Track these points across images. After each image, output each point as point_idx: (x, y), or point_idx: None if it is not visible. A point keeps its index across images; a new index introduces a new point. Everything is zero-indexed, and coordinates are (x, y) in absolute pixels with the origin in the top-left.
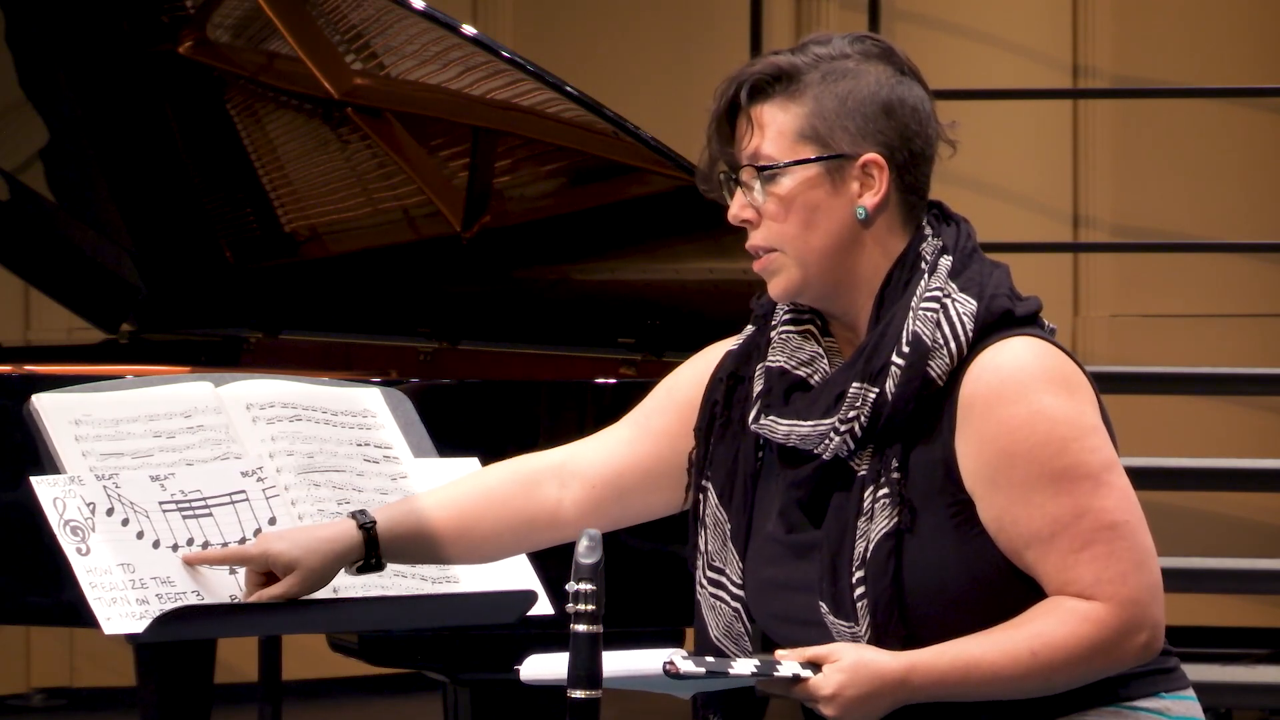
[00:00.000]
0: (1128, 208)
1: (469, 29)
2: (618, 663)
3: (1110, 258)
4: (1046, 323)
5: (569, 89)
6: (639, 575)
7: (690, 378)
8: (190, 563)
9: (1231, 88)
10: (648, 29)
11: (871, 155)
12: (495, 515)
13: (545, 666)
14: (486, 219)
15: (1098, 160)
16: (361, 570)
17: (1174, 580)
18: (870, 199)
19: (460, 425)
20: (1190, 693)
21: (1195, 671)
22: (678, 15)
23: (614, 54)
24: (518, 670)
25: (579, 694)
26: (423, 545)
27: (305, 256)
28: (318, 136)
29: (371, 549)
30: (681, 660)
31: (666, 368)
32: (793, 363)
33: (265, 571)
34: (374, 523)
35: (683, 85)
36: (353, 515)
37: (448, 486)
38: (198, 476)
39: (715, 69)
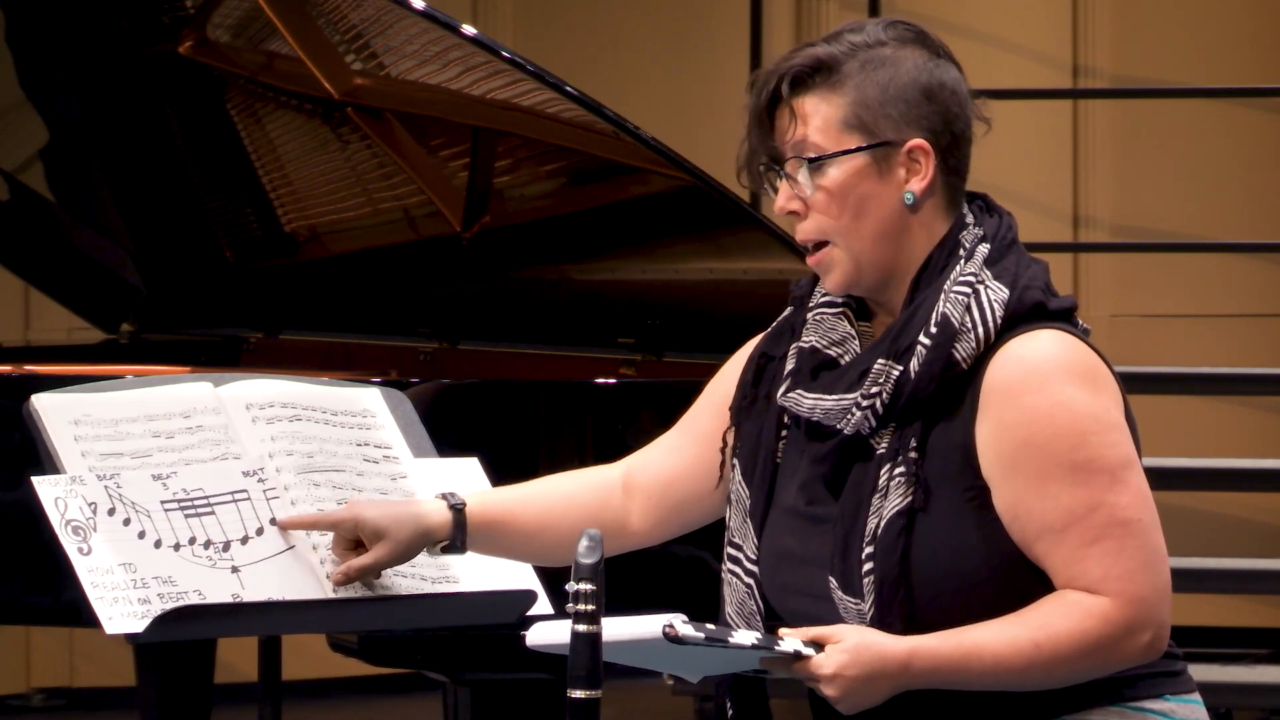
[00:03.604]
0: (1128, 208)
1: (469, 29)
2: (617, 628)
3: (1110, 258)
4: (1081, 322)
5: (569, 89)
6: (650, 568)
7: (730, 374)
8: (284, 527)
9: (1231, 88)
10: (648, 30)
11: (917, 141)
12: (574, 519)
13: (551, 633)
14: (486, 219)
15: (1098, 160)
16: (445, 550)
17: (1174, 580)
18: (918, 184)
19: (460, 425)
20: (1196, 696)
21: (1195, 671)
22: (677, 16)
23: (614, 54)
24: (523, 636)
25: (579, 694)
26: (504, 537)
27: (305, 256)
28: (318, 136)
29: (459, 530)
30: (681, 625)
31: (666, 368)
32: (824, 342)
33: (354, 540)
34: (464, 504)
35: (683, 85)
36: (442, 496)
37: (526, 486)
38: (198, 476)
39: (715, 69)
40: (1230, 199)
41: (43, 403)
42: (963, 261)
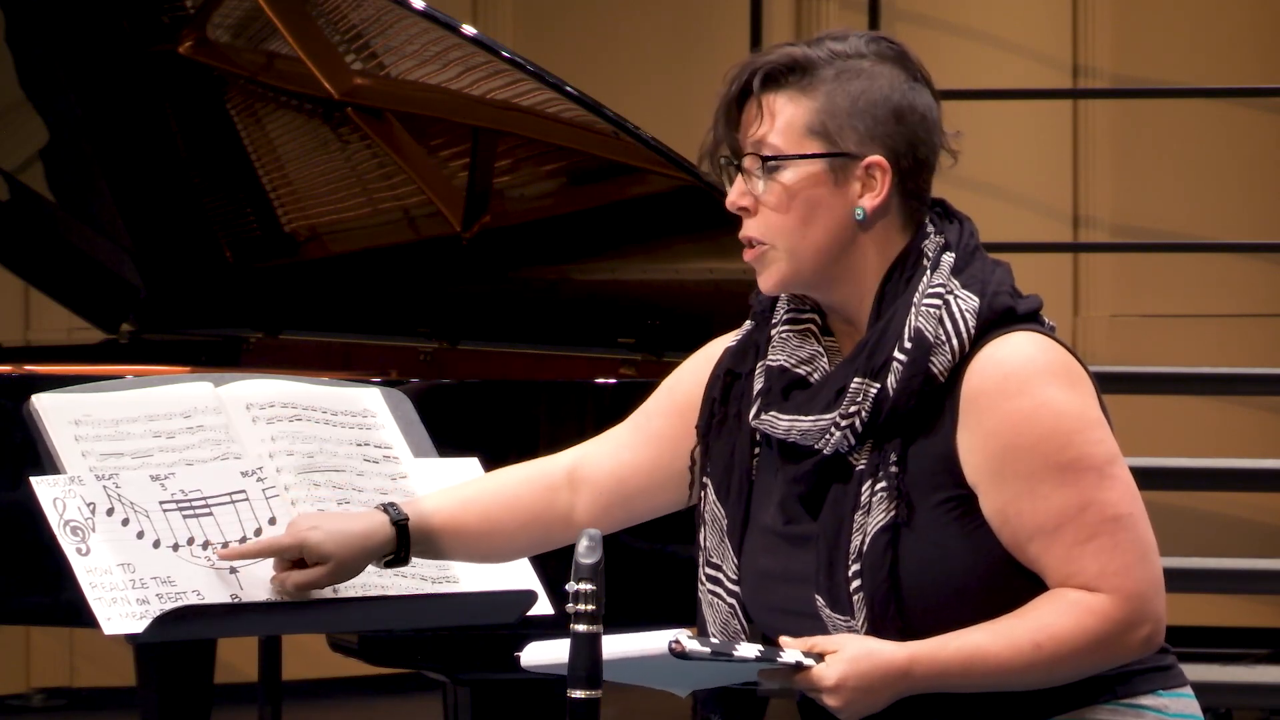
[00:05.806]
0: (1128, 208)
1: (469, 29)
2: (622, 644)
3: (1110, 258)
4: (1046, 320)
5: (569, 89)
6: (640, 574)
7: (691, 377)
8: (226, 559)
9: (1231, 88)
10: (648, 29)
11: (876, 158)
12: (518, 520)
13: (546, 653)
14: (486, 219)
15: (1098, 160)
16: (389, 565)
17: (1174, 580)
18: (870, 201)
19: (460, 425)
20: (1188, 690)
21: (1195, 671)
22: (678, 15)
23: (614, 54)
24: (518, 657)
25: (579, 694)
26: (448, 544)
27: (305, 256)
28: (318, 136)
29: (403, 545)
30: (687, 640)
31: (666, 368)
32: (792, 360)
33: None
34: (407, 519)
35: (683, 85)
36: (385, 509)
37: (469, 487)
38: (198, 476)
39: (715, 69)
40: (1230, 199)
41: (43, 403)
42: (928, 272)
